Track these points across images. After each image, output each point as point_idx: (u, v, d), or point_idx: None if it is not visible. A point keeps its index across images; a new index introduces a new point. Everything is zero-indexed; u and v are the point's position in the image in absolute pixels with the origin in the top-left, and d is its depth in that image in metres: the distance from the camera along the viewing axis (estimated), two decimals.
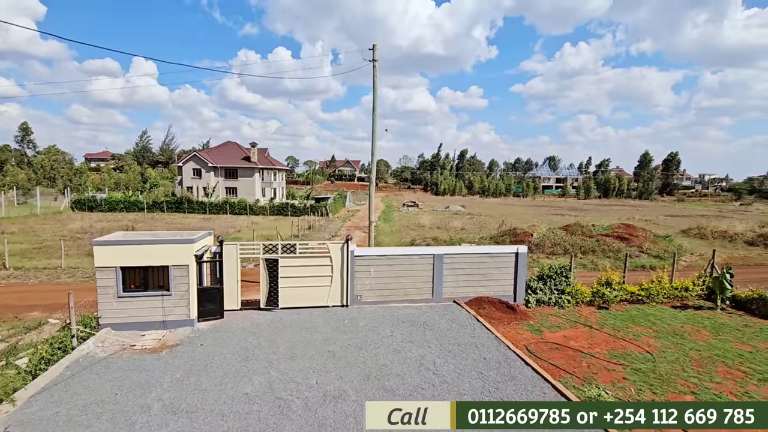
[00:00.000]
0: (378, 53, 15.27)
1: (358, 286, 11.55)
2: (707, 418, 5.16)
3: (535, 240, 22.99)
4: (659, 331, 10.33)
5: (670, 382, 7.66)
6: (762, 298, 12.09)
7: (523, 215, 45.43)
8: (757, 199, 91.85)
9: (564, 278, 12.46)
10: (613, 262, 19.19)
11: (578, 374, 7.87)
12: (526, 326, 10.50)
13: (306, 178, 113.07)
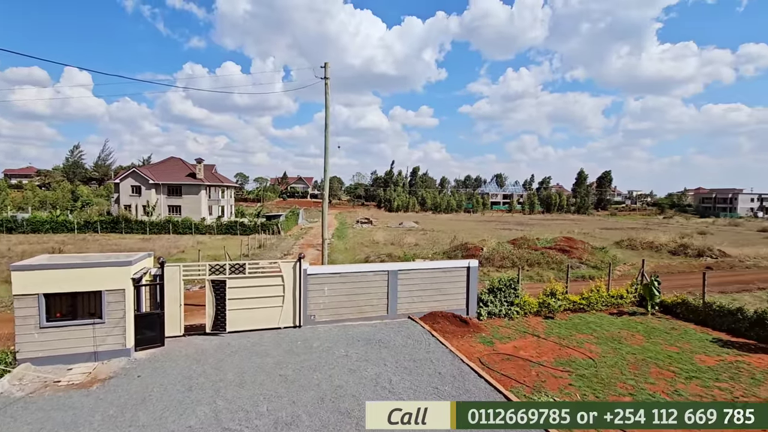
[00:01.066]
0: (330, 71, 15.38)
1: (311, 305, 11.26)
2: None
3: (485, 254, 23.79)
4: (599, 338, 10.97)
5: (610, 385, 8.12)
6: (685, 302, 13.27)
7: (474, 230, 47.02)
8: (677, 213, 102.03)
9: (513, 290, 12.95)
10: (556, 273, 20.26)
11: (528, 383, 8.13)
12: (478, 339, 10.73)
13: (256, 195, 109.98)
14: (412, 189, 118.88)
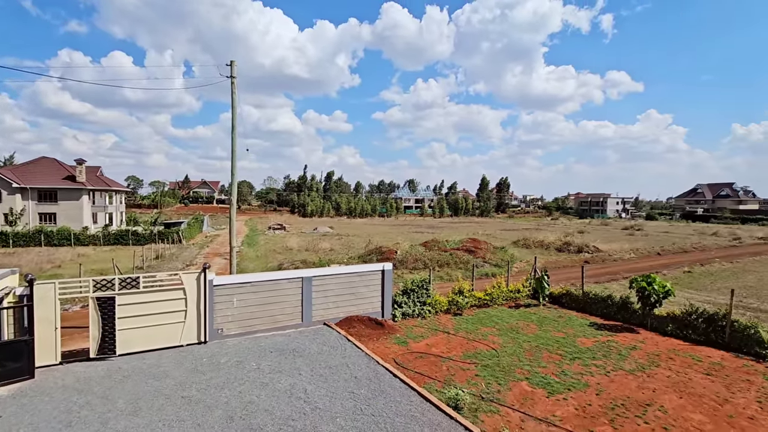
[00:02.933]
0: (237, 70, 14.60)
1: (218, 318, 10.48)
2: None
3: (399, 257, 24.53)
4: (501, 329, 11.98)
5: (510, 371, 8.92)
6: (569, 293, 15.15)
7: (388, 234, 48.24)
8: (562, 215, 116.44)
9: (425, 291, 13.54)
10: (463, 273, 21.70)
11: (439, 378, 8.54)
12: (393, 340, 10.99)
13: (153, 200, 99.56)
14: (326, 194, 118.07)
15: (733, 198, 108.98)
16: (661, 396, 7.90)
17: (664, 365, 9.46)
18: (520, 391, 7.98)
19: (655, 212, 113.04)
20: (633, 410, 7.33)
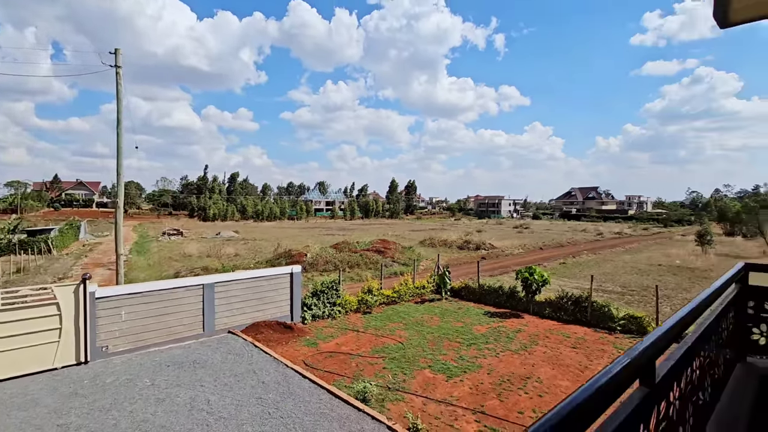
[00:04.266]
0: (122, 59, 13.18)
1: (103, 334, 9.37)
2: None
3: (309, 259, 24.29)
4: (407, 324, 12.67)
5: (415, 361, 9.53)
6: (467, 286, 16.58)
7: (298, 237, 47.28)
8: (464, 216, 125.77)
9: (335, 291, 13.69)
10: (373, 272, 22.32)
11: (348, 374, 8.78)
12: (303, 342, 10.94)
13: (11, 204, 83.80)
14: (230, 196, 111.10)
15: (598, 200, 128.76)
16: (538, 369, 9.16)
17: (541, 343, 10.95)
18: (423, 378, 8.59)
19: (540, 212, 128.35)
20: (516, 384, 8.40)
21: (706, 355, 1.70)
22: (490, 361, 9.66)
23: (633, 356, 1.03)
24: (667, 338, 1.20)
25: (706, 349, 1.71)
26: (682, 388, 1.40)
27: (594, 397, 0.85)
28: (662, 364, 1.29)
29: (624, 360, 1.00)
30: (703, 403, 1.64)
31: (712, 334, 1.79)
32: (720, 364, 1.94)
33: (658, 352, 1.13)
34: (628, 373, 0.96)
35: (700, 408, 1.60)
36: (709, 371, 1.73)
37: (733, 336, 2.20)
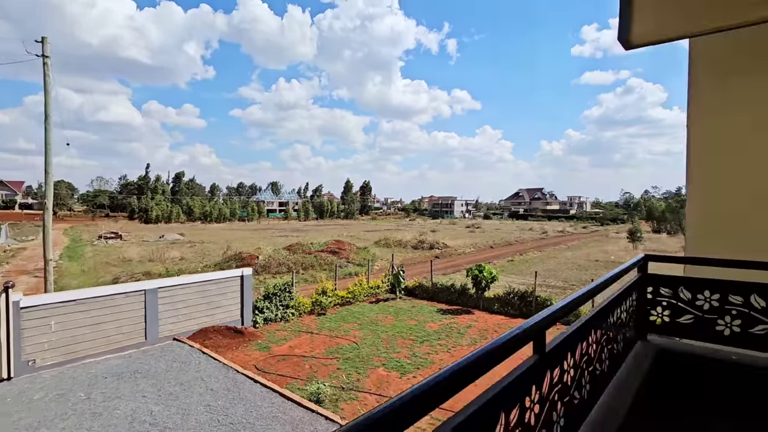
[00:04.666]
0: (50, 48, 12.12)
1: (29, 347, 8.55)
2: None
3: (261, 262, 23.63)
4: (362, 324, 12.71)
5: (369, 361, 9.59)
6: (421, 285, 16.91)
7: (249, 239, 45.80)
8: (418, 216, 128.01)
9: (288, 294, 13.44)
10: (328, 274, 22.14)
11: (302, 377, 8.67)
12: (255, 346, 10.64)
13: None
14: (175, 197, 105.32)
15: (543, 200, 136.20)
16: None
17: (490, 338, 11.37)
18: (377, 377, 8.67)
19: (491, 212, 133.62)
20: None
21: (605, 332, 1.94)
22: (441, 356, 9.93)
23: (525, 327, 1.22)
24: (558, 314, 1.39)
25: (604, 327, 1.95)
26: (577, 359, 1.59)
27: (485, 357, 1.08)
28: (557, 336, 1.50)
29: (516, 330, 1.18)
30: (600, 373, 1.86)
31: (611, 313, 2.05)
32: (620, 340, 2.20)
33: (549, 324, 1.32)
34: (517, 340, 1.15)
35: (597, 377, 1.81)
36: (607, 346, 1.97)
37: (634, 317, 2.49)
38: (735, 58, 3.15)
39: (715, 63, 3.18)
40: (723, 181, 3.13)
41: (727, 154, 3.12)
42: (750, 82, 3.07)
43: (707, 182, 3.19)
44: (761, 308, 2.34)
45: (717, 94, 3.14)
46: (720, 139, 3.14)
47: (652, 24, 2.44)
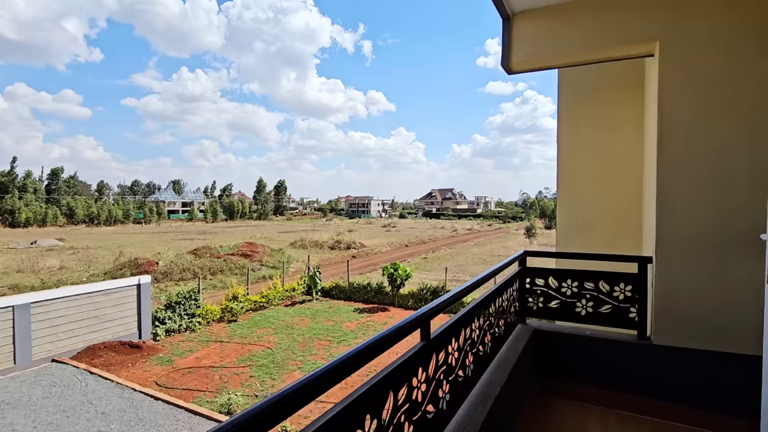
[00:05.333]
0: None
1: None
2: None
3: (161, 268, 21.62)
4: (276, 328, 12.38)
5: (284, 365, 9.40)
6: (337, 286, 16.98)
7: (147, 243, 41.48)
8: (335, 216, 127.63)
9: (194, 302, 12.52)
10: (239, 278, 21.05)
11: (211, 389, 8.19)
12: (155, 360, 9.75)
13: None
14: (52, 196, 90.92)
15: (454, 200, 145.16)
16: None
17: None
18: (292, 381, 8.54)
19: (406, 212, 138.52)
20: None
21: (488, 317, 2.26)
22: None
23: (411, 318, 1.41)
24: (440, 306, 1.61)
25: (488, 314, 2.27)
26: (461, 343, 1.85)
27: (376, 343, 1.25)
28: (444, 324, 1.73)
29: (403, 321, 1.37)
30: (483, 353, 2.17)
31: (493, 302, 2.38)
32: (502, 325, 2.56)
33: (433, 314, 1.54)
34: (403, 329, 1.32)
35: (481, 357, 2.11)
36: (490, 330, 2.29)
37: (516, 304, 2.90)
38: (593, 86, 3.80)
39: (577, 89, 3.81)
40: (583, 187, 3.76)
41: (585, 165, 3.75)
42: (603, 106, 3.74)
43: (572, 188, 3.81)
44: (606, 292, 2.88)
45: (578, 114, 3.77)
46: (580, 152, 3.77)
47: (527, 56, 2.88)
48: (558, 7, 2.85)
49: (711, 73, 2.50)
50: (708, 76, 2.51)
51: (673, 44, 2.58)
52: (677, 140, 2.58)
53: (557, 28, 2.83)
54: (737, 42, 2.45)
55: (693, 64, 2.55)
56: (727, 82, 2.46)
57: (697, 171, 2.54)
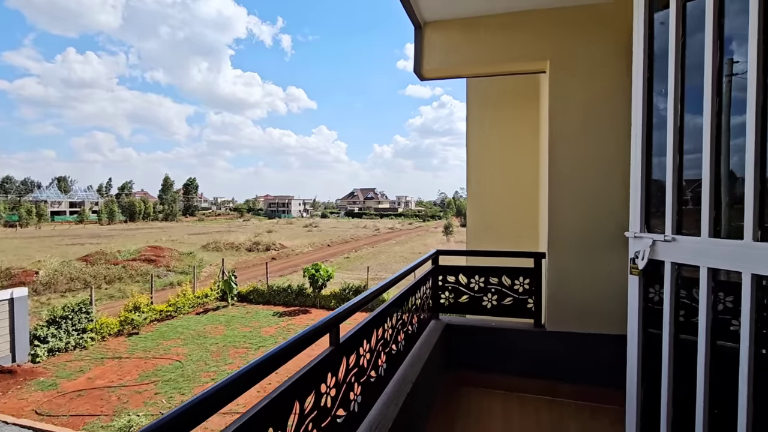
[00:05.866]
0: None
1: None
2: None
3: (43, 279, 18.71)
4: (186, 339, 11.44)
5: (195, 378, 8.73)
6: (255, 289, 16.23)
7: (24, 250, 35.60)
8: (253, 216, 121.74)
9: (84, 315, 11.04)
10: (142, 286, 19.07)
11: (107, 411, 7.30)
12: (35, 386, 8.41)
13: None
14: None
15: (376, 199, 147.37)
16: None
17: None
18: None
19: (328, 212, 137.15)
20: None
21: (401, 316, 2.35)
22: None
23: (319, 324, 1.41)
24: (349, 311, 1.63)
25: (402, 312, 2.36)
26: (373, 344, 1.89)
27: (284, 351, 1.23)
28: (355, 326, 1.75)
29: (311, 327, 1.36)
30: (397, 352, 2.25)
31: (407, 301, 2.48)
32: (416, 322, 2.68)
33: (342, 318, 1.55)
34: (309, 337, 1.33)
35: (394, 356, 2.19)
36: (403, 328, 2.38)
37: (429, 301, 3.06)
38: (498, 96, 4.13)
39: (484, 97, 4.11)
40: (489, 189, 4.07)
41: (491, 168, 4.07)
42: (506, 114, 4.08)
43: (480, 189, 4.11)
44: (508, 285, 3.16)
45: (484, 121, 4.07)
46: (487, 156, 4.07)
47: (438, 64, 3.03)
48: (466, 21, 3.04)
49: (590, 92, 2.88)
50: (587, 96, 2.88)
51: (561, 64, 2.92)
52: (563, 152, 2.93)
53: (465, 41, 3.03)
54: (612, 65, 2.84)
55: (576, 84, 2.91)
56: (603, 102, 2.84)
57: (579, 179, 2.91)
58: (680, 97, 1.79)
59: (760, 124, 1.46)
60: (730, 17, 1.63)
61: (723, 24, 1.64)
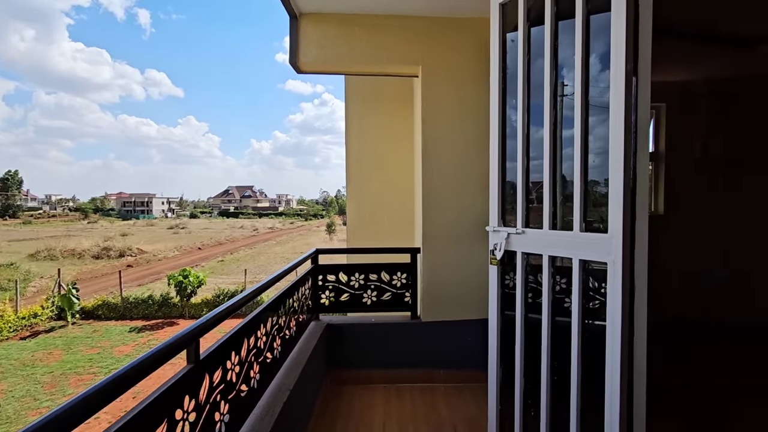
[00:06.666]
0: None
1: None
2: None
3: None
4: (5, 371, 9.16)
5: (17, 420, 7.03)
6: (105, 303, 13.85)
7: None
8: (102, 217, 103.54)
9: None
10: None
11: None
12: None
13: None
14: None
15: (254, 198, 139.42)
16: None
17: None
18: None
19: (198, 211, 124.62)
20: None
21: (277, 320, 2.24)
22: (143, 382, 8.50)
23: (176, 338, 1.24)
24: (210, 322, 1.48)
25: (277, 316, 2.25)
26: (243, 356, 1.76)
27: (133, 370, 1.07)
28: (220, 338, 1.59)
29: (159, 346, 1.19)
30: (272, 359, 2.14)
31: (283, 303, 2.38)
32: (294, 325, 2.60)
33: (202, 332, 1.38)
34: (163, 353, 1.16)
35: (269, 364, 2.07)
36: (279, 334, 2.28)
37: (309, 302, 3.00)
38: (375, 94, 4.24)
39: (362, 95, 4.19)
40: (368, 186, 4.17)
41: (369, 165, 4.17)
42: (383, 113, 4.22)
43: (359, 186, 4.17)
44: (387, 281, 3.27)
45: (362, 118, 4.15)
46: (365, 154, 4.16)
47: (314, 57, 2.95)
48: (342, 17, 3.03)
49: (458, 98, 3.15)
50: (455, 101, 3.15)
51: (430, 71, 3.13)
52: (434, 152, 3.15)
53: (341, 36, 3.02)
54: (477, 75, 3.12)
55: (445, 90, 3.15)
56: (469, 108, 3.13)
57: (446, 178, 3.17)
58: (527, 111, 2.07)
59: (583, 138, 1.76)
60: (562, 47, 1.94)
61: (558, 51, 1.94)
